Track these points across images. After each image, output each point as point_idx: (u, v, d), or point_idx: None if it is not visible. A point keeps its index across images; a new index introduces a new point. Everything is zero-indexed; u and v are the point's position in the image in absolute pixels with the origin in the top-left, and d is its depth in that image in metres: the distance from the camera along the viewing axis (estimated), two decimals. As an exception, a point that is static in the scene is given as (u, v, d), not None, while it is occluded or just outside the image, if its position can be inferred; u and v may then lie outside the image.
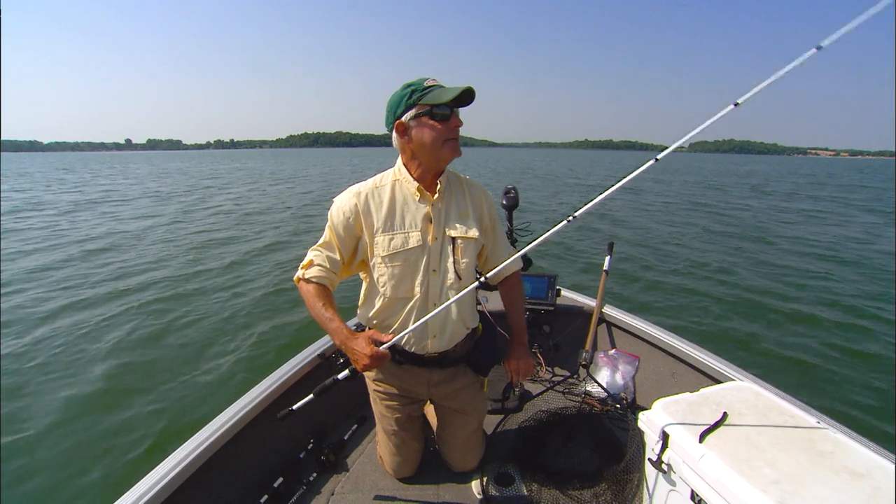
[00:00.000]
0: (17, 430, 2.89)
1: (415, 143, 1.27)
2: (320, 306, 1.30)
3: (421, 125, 1.24)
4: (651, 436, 1.22)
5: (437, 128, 1.23)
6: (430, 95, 1.21)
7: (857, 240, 9.07)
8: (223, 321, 4.63)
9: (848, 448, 1.04)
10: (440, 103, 1.20)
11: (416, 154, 1.30)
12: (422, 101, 1.22)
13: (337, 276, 1.38)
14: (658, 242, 8.45)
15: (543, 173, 31.24)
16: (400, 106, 1.25)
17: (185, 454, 1.25)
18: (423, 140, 1.25)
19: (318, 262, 1.36)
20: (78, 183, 24.19)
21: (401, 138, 1.29)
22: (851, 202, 16.63)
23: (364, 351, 1.23)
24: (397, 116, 1.26)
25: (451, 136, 1.25)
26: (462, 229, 1.36)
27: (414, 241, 1.31)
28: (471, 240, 1.37)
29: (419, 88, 1.22)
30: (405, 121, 1.25)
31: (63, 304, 5.10)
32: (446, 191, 1.37)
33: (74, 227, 10.07)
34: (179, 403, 3.21)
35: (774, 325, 4.55)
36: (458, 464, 1.62)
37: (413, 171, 1.34)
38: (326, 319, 1.29)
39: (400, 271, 1.32)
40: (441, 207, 1.36)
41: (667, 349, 1.97)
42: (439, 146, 1.26)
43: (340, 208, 1.34)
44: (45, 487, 2.45)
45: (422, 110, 1.23)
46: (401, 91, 1.25)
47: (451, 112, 1.23)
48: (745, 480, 0.95)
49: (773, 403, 1.23)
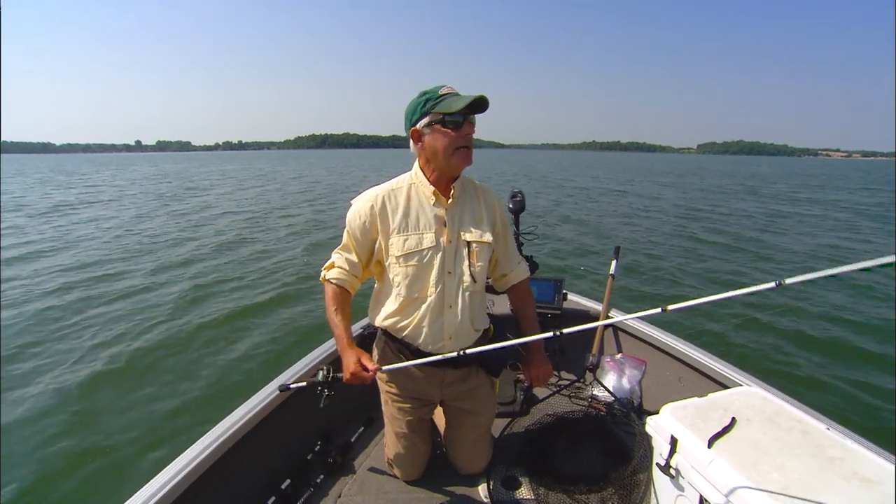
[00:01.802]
0: (19, 430, 2.91)
1: (428, 150, 1.31)
2: (333, 310, 1.40)
3: (434, 133, 1.28)
4: (659, 440, 1.22)
5: (450, 135, 1.26)
6: (442, 104, 1.24)
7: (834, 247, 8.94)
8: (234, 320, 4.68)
9: (858, 454, 1.03)
10: (452, 112, 1.23)
11: (430, 160, 1.34)
12: (435, 110, 1.25)
13: (357, 279, 1.45)
14: (661, 245, 8.42)
15: (565, 182, 24.95)
16: (415, 113, 1.29)
17: (193, 455, 1.26)
18: (436, 147, 1.29)
19: (338, 265, 1.43)
20: (62, 185, 24.39)
21: (416, 144, 1.34)
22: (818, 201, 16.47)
23: (349, 367, 1.33)
24: (413, 123, 1.30)
25: (462, 143, 1.28)
26: (477, 233, 1.39)
27: (428, 241, 1.35)
28: (485, 244, 1.40)
29: (433, 97, 1.26)
30: (419, 128, 1.29)
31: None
32: (460, 195, 1.41)
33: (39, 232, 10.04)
34: (190, 404, 3.23)
35: (784, 330, 4.52)
36: (465, 466, 1.62)
37: (429, 176, 1.38)
38: (333, 324, 1.40)
39: (414, 271, 1.35)
40: (455, 211, 1.39)
41: (674, 354, 1.96)
42: (451, 154, 1.28)
43: (357, 212, 1.39)
44: (45, 491, 2.48)
45: (435, 118, 1.26)
46: (416, 98, 1.29)
47: (464, 120, 1.26)
48: (754, 486, 0.95)
49: (781, 409, 1.22)
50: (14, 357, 3.88)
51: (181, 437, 2.77)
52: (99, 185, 24.08)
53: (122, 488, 2.38)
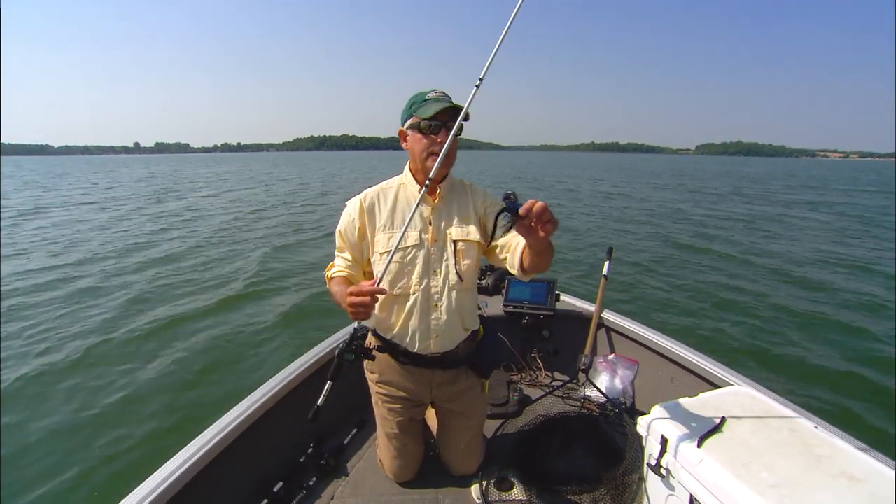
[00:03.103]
0: (19, 432, 2.90)
1: (409, 151, 1.37)
2: (334, 289, 1.38)
3: (412, 135, 1.33)
4: (650, 440, 1.22)
5: (422, 141, 1.30)
6: (421, 109, 1.29)
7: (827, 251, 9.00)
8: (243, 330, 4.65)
9: (846, 453, 1.04)
10: (425, 118, 1.27)
11: (412, 160, 1.39)
12: (416, 113, 1.30)
13: (357, 275, 1.46)
14: (656, 244, 8.47)
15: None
16: (404, 115, 1.35)
17: (185, 458, 1.25)
18: (413, 149, 1.35)
19: (338, 264, 1.45)
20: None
21: (402, 143, 1.39)
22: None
23: (346, 295, 1.17)
24: (402, 123, 1.36)
25: (434, 149, 1.29)
26: (463, 232, 1.40)
27: (412, 239, 1.37)
28: (472, 243, 1.40)
29: (419, 100, 1.31)
30: (405, 129, 1.36)
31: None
32: (447, 195, 1.43)
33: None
34: (182, 408, 3.21)
35: (772, 327, 4.56)
36: (458, 467, 1.62)
37: (417, 177, 1.41)
38: (334, 294, 1.36)
39: (397, 268, 1.37)
40: (442, 210, 1.41)
41: (666, 354, 1.97)
42: (424, 157, 1.32)
43: (348, 212, 1.43)
44: (39, 493, 2.46)
45: (414, 122, 1.31)
46: (409, 101, 1.34)
47: (443, 126, 1.27)
48: (743, 485, 0.95)
49: (770, 408, 1.23)
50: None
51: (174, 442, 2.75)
52: (83, 188, 23.83)
53: (113, 490, 2.38)
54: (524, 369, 2.34)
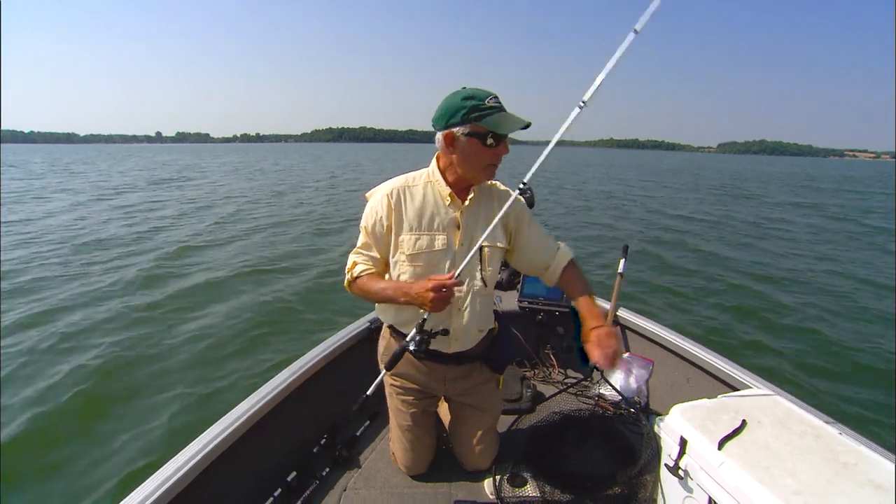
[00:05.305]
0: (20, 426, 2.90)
1: (458, 156, 1.28)
2: (375, 286, 1.34)
3: (471, 143, 1.24)
4: (668, 441, 1.20)
5: (485, 153, 1.25)
6: (490, 119, 1.20)
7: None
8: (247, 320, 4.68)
9: (872, 461, 1.01)
10: (499, 133, 1.22)
11: (456, 165, 1.30)
12: (481, 122, 1.20)
13: (384, 273, 1.43)
14: (672, 244, 8.30)
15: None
16: (455, 116, 1.22)
17: (200, 447, 1.27)
18: (468, 157, 1.26)
19: (360, 262, 1.40)
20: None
21: (447, 146, 1.29)
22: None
23: (426, 286, 1.19)
24: (449, 125, 1.24)
25: (494, 161, 1.27)
26: (490, 238, 1.33)
27: (439, 244, 1.33)
28: (498, 249, 1.39)
29: (480, 106, 1.20)
30: (456, 132, 1.24)
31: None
32: (476, 199, 1.37)
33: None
34: (197, 398, 3.26)
35: (791, 331, 4.45)
36: (470, 462, 1.62)
37: (448, 177, 1.35)
38: (383, 290, 1.33)
39: (422, 272, 1.33)
40: (471, 215, 1.36)
41: (682, 354, 1.94)
42: (481, 168, 1.28)
43: (373, 208, 1.37)
44: (55, 477, 2.50)
45: (477, 130, 1.22)
46: (460, 101, 1.22)
47: (504, 138, 1.25)
48: (765, 490, 0.93)
49: (792, 413, 1.20)
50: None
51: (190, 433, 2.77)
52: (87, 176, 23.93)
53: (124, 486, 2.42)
54: (537, 365, 2.33)
